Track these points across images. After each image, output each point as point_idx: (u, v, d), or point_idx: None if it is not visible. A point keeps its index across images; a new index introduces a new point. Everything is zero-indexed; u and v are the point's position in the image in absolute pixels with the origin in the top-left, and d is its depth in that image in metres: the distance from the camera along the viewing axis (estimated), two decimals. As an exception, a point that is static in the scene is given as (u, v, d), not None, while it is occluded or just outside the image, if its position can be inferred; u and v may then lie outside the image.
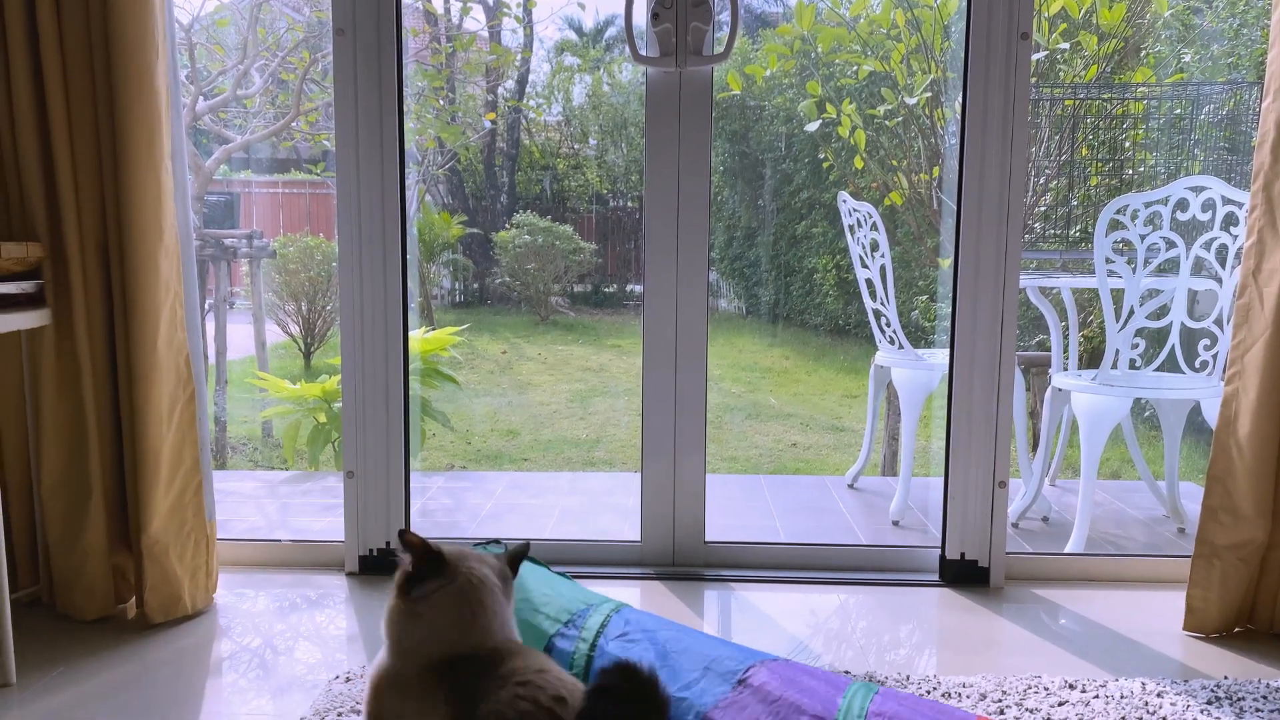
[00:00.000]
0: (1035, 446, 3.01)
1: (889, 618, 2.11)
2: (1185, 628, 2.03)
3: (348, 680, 1.73)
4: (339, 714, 1.61)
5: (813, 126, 3.97)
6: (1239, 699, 1.70)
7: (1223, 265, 2.52)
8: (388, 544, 2.31)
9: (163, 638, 1.95)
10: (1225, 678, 1.80)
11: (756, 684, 1.26)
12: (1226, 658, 1.92)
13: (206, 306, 3.85)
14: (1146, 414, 3.67)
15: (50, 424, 1.95)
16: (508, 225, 5.28)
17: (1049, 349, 3.12)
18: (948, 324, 2.28)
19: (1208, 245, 2.52)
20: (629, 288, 5.61)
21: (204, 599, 2.08)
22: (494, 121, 5.28)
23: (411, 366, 2.35)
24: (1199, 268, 2.58)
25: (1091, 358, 3.72)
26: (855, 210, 3.04)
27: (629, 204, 5.48)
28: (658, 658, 1.28)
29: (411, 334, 2.34)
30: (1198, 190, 2.52)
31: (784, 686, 1.26)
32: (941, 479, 2.30)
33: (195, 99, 4.11)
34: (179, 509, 2.01)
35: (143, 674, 1.80)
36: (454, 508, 3.27)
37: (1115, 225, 2.54)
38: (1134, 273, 2.52)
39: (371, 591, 2.21)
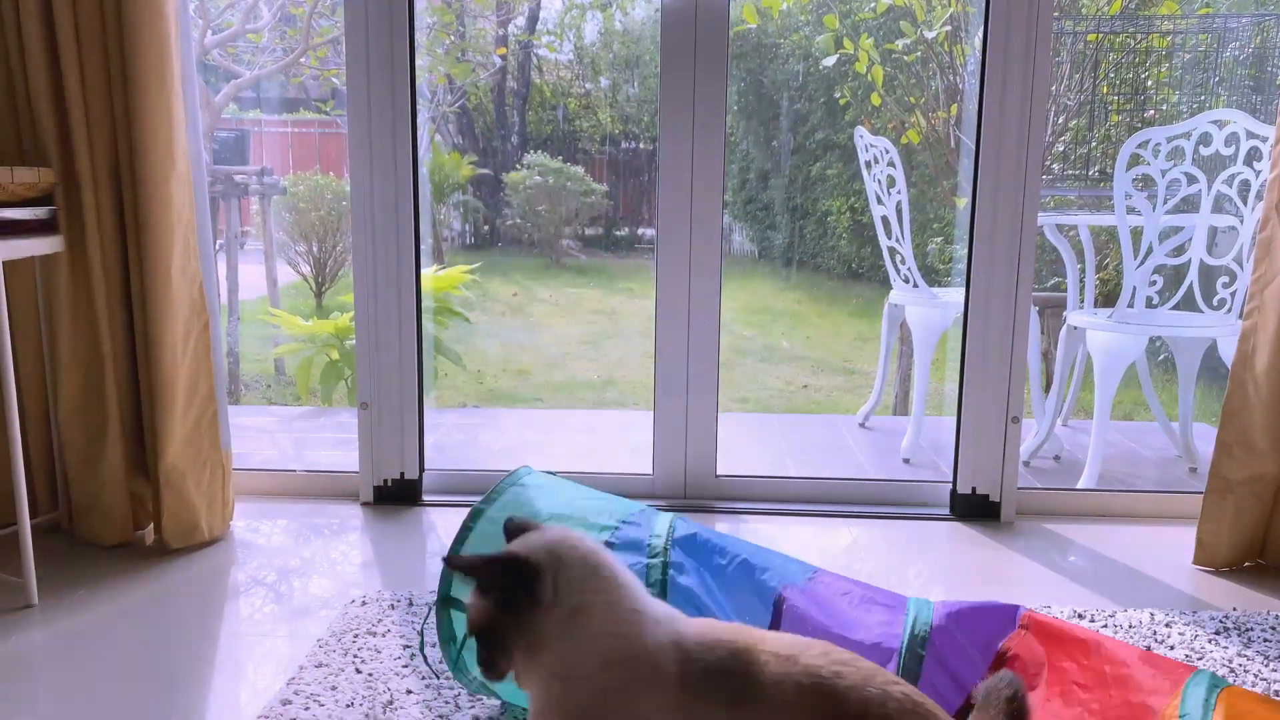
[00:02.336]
0: (1048, 387, 3.00)
1: (900, 550, 2.12)
2: (1195, 562, 2.03)
3: (363, 604, 1.76)
4: (355, 636, 1.63)
5: (829, 62, 3.91)
6: (1247, 629, 1.71)
7: (1244, 201, 2.49)
8: (402, 474, 2.32)
9: (181, 563, 1.98)
10: (1234, 609, 1.81)
11: (828, 579, 1.35)
12: (1236, 590, 1.93)
13: (218, 245, 3.84)
14: (1161, 357, 3.65)
15: (66, 352, 1.96)
16: (518, 166, 5.24)
17: (1064, 291, 3.10)
18: (962, 266, 2.26)
19: (1230, 181, 2.48)
20: (640, 231, 5.56)
21: (221, 526, 2.10)
22: (504, 57, 5.21)
23: (424, 305, 2.34)
24: (1220, 205, 2.55)
25: (1107, 300, 3.69)
26: (872, 145, 3.00)
27: (641, 145, 5.42)
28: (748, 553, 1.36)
29: (423, 271, 2.34)
30: (1221, 124, 2.48)
31: (853, 583, 1.37)
32: (953, 418, 2.30)
33: (204, 33, 4.06)
34: (195, 437, 2.03)
35: (161, 597, 1.83)
36: (467, 443, 3.29)
37: (1136, 160, 2.50)
38: (1154, 209, 2.48)
39: (386, 520, 2.23)
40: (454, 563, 0.99)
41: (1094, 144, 3.89)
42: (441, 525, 2.23)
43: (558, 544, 0.99)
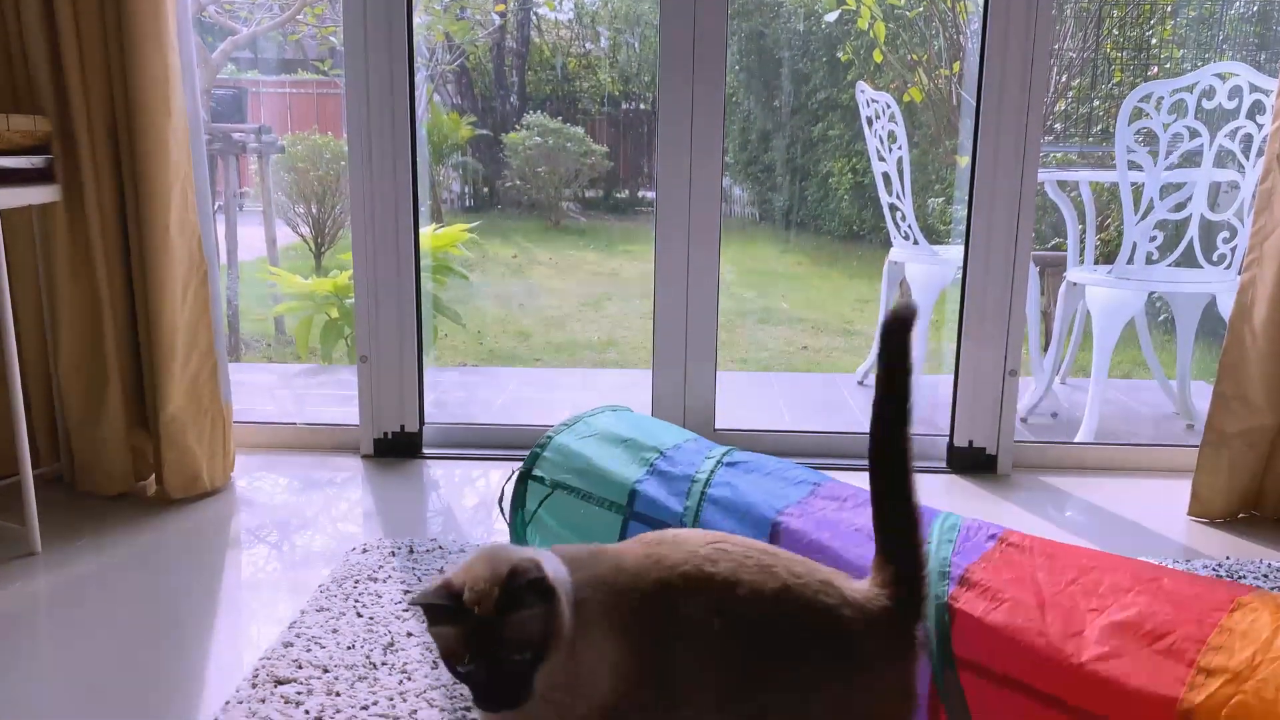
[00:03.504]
0: (1047, 346, 3.00)
1: (896, 502, 2.13)
2: (1190, 513, 2.05)
3: (364, 551, 1.77)
4: (355, 581, 1.65)
5: (832, 17, 3.87)
6: (1239, 577, 1.73)
7: (1246, 156, 2.47)
8: (402, 427, 2.33)
9: (182, 513, 2.00)
10: (1227, 558, 1.83)
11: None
12: (1229, 540, 1.94)
13: (216, 205, 3.83)
14: (1161, 318, 3.65)
15: (65, 304, 1.96)
16: (518, 126, 5.20)
17: (1065, 251, 3.09)
18: (962, 227, 2.26)
19: (1232, 134, 2.46)
20: (640, 193, 5.54)
21: (222, 478, 2.11)
22: (503, 14, 5.16)
23: (423, 263, 2.34)
24: (1222, 160, 2.53)
25: (1108, 259, 3.68)
26: (873, 101, 2.98)
27: (641, 106, 5.38)
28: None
29: (422, 230, 2.33)
30: (1225, 77, 2.46)
31: None
32: (951, 375, 2.30)
33: (199, -12, 4.02)
34: (195, 390, 2.04)
35: (164, 546, 1.85)
36: (467, 400, 3.30)
37: (1138, 114, 2.48)
38: (1155, 163, 2.47)
39: (387, 472, 2.24)
40: (517, 580, 0.91)
41: (1096, 103, 3.86)
42: (443, 478, 2.24)
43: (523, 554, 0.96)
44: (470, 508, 2.07)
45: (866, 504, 1.30)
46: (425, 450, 2.36)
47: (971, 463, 2.28)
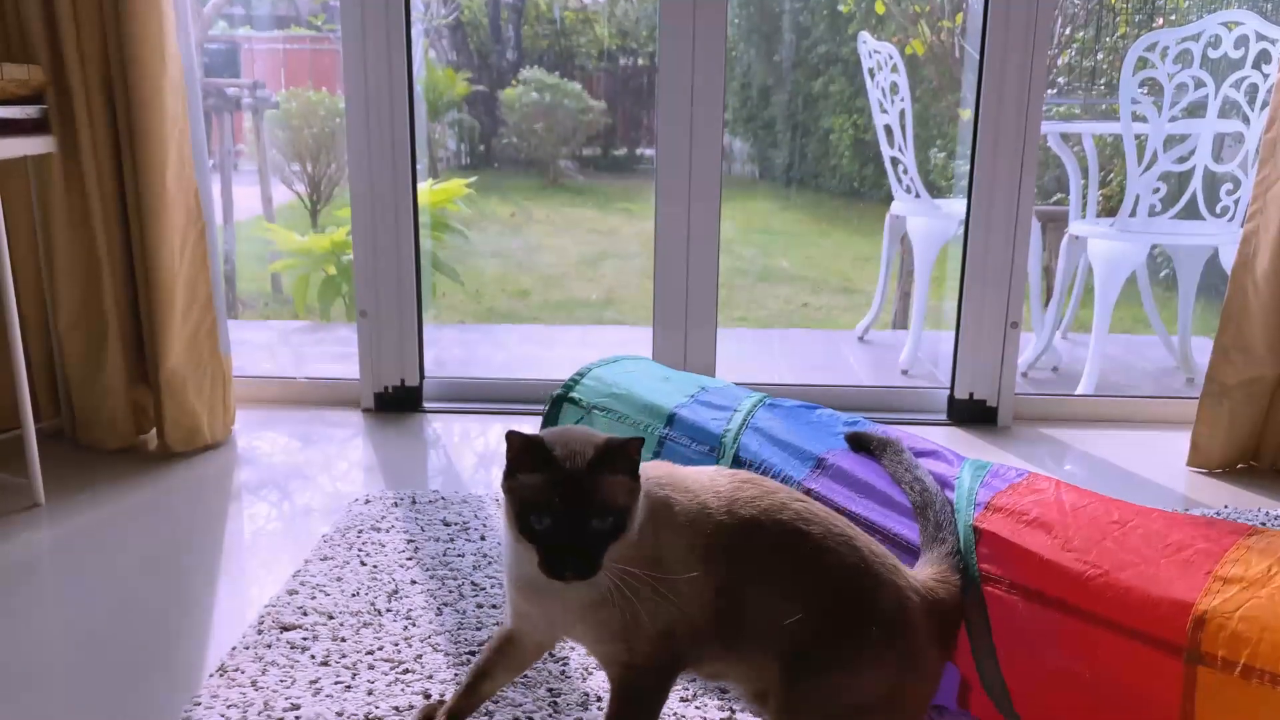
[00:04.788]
0: (1048, 302, 3.00)
1: (896, 454, 2.14)
2: (1189, 464, 2.06)
3: (367, 503, 1.78)
4: (359, 531, 1.66)
5: (832, -33, 3.81)
6: (1238, 525, 1.74)
7: (1252, 106, 2.45)
8: (402, 381, 2.33)
9: (184, 466, 2.00)
10: (1225, 506, 1.84)
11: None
12: (1228, 490, 1.95)
13: (211, 164, 3.78)
14: (1163, 274, 3.64)
15: (63, 258, 1.95)
16: (514, 82, 5.14)
17: (1068, 205, 3.07)
18: (964, 183, 2.24)
19: (1237, 84, 2.44)
20: (639, 150, 5.49)
21: (223, 432, 2.12)
22: (500, -33, 5.08)
23: (421, 219, 2.32)
24: (1227, 111, 2.51)
25: (1110, 213, 3.66)
26: (875, 52, 2.95)
27: (640, 61, 5.31)
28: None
29: (419, 186, 2.31)
30: (1231, 26, 2.43)
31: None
32: (952, 332, 2.30)
33: (190, -60, 3.95)
34: (195, 344, 2.03)
35: (166, 498, 1.85)
36: (466, 358, 3.30)
37: (1143, 64, 2.45)
38: (1160, 114, 2.45)
39: (388, 426, 2.25)
40: (614, 442, 0.92)
41: (1101, 56, 3.82)
42: (443, 431, 2.24)
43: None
44: (471, 461, 2.08)
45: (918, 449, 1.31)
46: (425, 405, 2.36)
47: (972, 414, 2.29)
